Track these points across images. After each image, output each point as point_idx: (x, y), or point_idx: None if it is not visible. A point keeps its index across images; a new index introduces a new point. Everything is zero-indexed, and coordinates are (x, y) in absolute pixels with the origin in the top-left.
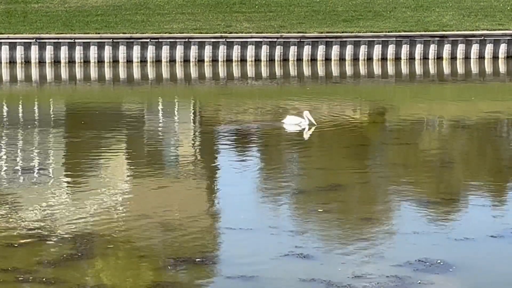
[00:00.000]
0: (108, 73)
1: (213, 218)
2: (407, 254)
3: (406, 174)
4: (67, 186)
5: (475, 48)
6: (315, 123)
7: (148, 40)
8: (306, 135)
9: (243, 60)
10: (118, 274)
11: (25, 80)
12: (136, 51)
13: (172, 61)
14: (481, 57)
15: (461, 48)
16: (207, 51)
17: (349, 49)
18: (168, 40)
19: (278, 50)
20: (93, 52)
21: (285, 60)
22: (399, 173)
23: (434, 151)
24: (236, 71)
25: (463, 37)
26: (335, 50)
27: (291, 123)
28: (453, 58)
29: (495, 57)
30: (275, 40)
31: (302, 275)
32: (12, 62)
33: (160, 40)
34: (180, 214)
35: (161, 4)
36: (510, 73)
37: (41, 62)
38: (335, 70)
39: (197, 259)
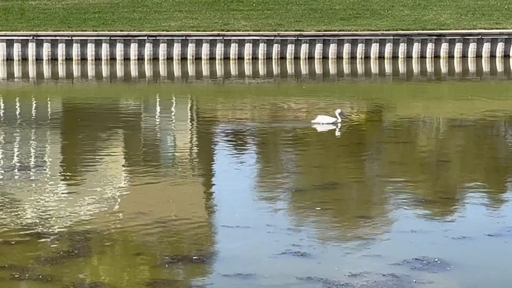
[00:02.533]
0: (105, 70)
1: (210, 216)
2: (405, 252)
3: (403, 173)
4: (64, 184)
5: (472, 47)
6: (349, 119)
7: (145, 37)
8: (338, 133)
9: (240, 58)
10: (114, 271)
11: (22, 77)
12: (133, 48)
13: (169, 58)
14: (478, 56)
15: (458, 46)
16: (205, 49)
17: (346, 48)
18: (166, 37)
19: (276, 48)
20: (90, 49)
21: (282, 58)
22: (396, 172)
23: (431, 149)
24: (233, 69)
25: (461, 36)
26: (332, 48)
27: (325, 123)
28: (450, 56)
29: (492, 56)
30: (273, 38)
31: (299, 273)
32: (9, 59)
33: (157, 37)
34: (177, 212)
35: (158, 1)
36: (507, 72)
37: (38, 60)
38: (332, 68)
39: (194, 257)
